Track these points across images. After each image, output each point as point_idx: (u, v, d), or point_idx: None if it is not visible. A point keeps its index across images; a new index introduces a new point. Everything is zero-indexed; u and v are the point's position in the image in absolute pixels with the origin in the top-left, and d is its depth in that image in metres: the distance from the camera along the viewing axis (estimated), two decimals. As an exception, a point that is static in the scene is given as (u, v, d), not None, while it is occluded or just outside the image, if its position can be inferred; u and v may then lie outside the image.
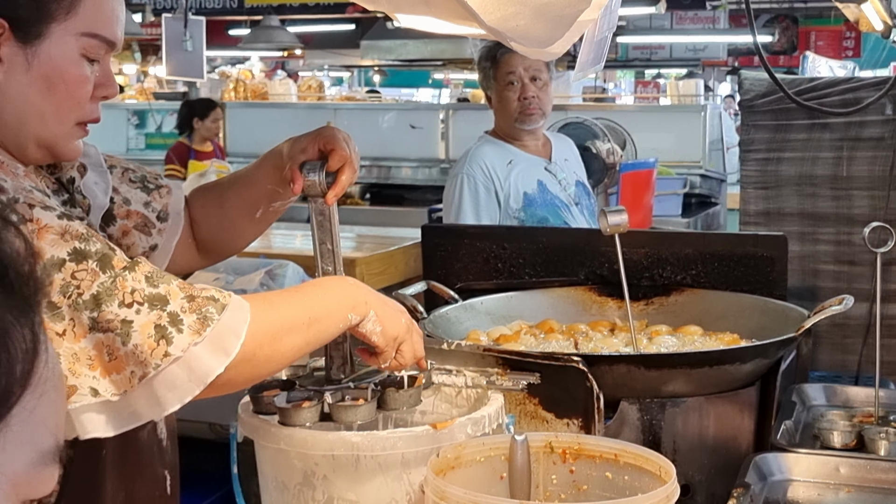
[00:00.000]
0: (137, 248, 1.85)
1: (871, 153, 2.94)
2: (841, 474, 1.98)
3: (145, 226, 1.87)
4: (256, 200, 1.98)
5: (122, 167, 1.89)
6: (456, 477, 1.67)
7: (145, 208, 1.88)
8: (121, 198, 1.85)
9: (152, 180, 1.92)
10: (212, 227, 2.02)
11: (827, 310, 2.16)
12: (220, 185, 2.09)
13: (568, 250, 2.65)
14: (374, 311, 1.69)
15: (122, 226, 1.84)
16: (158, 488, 1.77)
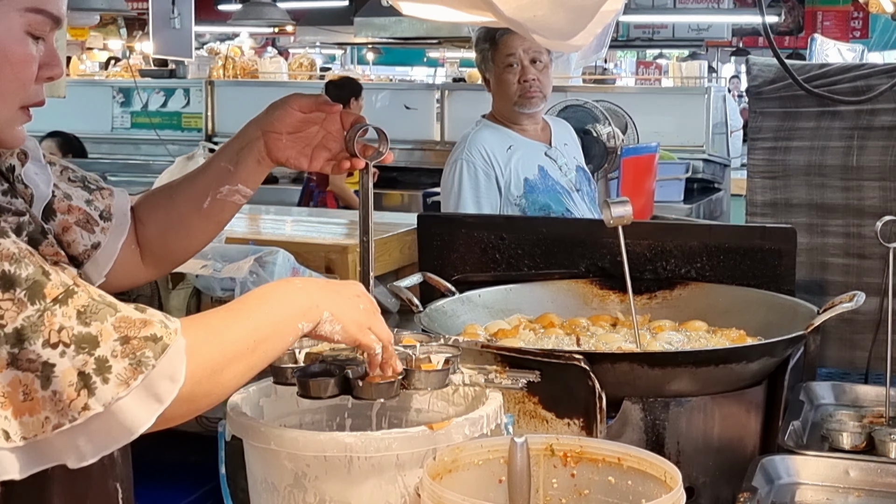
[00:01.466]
0: (79, 246, 1.75)
1: (883, 143, 2.86)
2: (850, 478, 1.93)
3: (87, 222, 1.76)
4: (206, 185, 1.87)
5: (60, 165, 1.79)
6: (453, 480, 1.61)
7: (87, 206, 1.77)
8: (62, 192, 1.75)
9: (93, 182, 1.82)
10: (158, 223, 1.88)
11: (837, 307, 2.10)
12: (171, 183, 1.96)
13: (568, 241, 2.59)
14: (329, 310, 1.58)
15: (62, 221, 1.73)
16: (110, 503, 1.69)
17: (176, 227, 1.89)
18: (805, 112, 2.92)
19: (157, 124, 9.09)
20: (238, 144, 1.86)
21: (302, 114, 1.82)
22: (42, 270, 1.36)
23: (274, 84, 10.46)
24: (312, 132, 1.84)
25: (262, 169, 1.87)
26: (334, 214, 5.55)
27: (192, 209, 1.87)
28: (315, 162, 1.84)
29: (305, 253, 3.68)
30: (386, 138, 1.80)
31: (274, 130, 1.83)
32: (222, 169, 1.85)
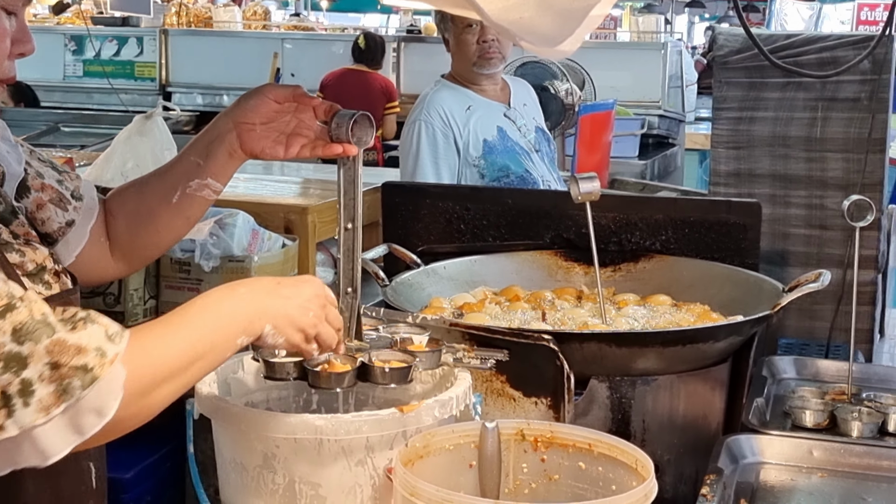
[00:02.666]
0: (53, 223, 1.72)
1: (847, 115, 2.87)
2: (814, 458, 1.95)
3: (61, 201, 1.73)
4: (176, 180, 1.81)
5: (28, 148, 1.75)
6: (424, 466, 1.60)
7: (59, 185, 1.74)
8: (34, 170, 1.72)
9: (60, 167, 1.79)
10: (128, 217, 1.84)
11: (804, 286, 2.11)
12: (142, 177, 1.92)
13: (534, 212, 2.57)
14: (272, 323, 1.54)
15: (36, 198, 1.70)
16: (84, 482, 1.66)
17: (145, 221, 1.84)
18: (770, 83, 2.93)
19: (111, 73, 8.94)
20: (208, 138, 1.80)
21: (277, 104, 1.78)
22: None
23: (229, 34, 10.33)
24: (285, 121, 1.79)
25: (233, 162, 1.82)
26: (291, 170, 5.49)
27: (161, 204, 1.82)
28: (291, 149, 1.78)
29: (265, 214, 3.64)
30: (372, 124, 1.76)
31: (247, 121, 1.77)
32: (192, 163, 1.80)
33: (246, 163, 1.89)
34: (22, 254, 1.54)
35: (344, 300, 1.77)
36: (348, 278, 1.77)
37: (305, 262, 3.71)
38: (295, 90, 1.79)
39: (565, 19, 1.17)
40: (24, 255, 1.54)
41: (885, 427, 2.03)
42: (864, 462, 1.92)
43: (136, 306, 3.42)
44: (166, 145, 3.63)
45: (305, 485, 1.67)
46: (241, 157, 1.80)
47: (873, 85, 2.83)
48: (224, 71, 9.33)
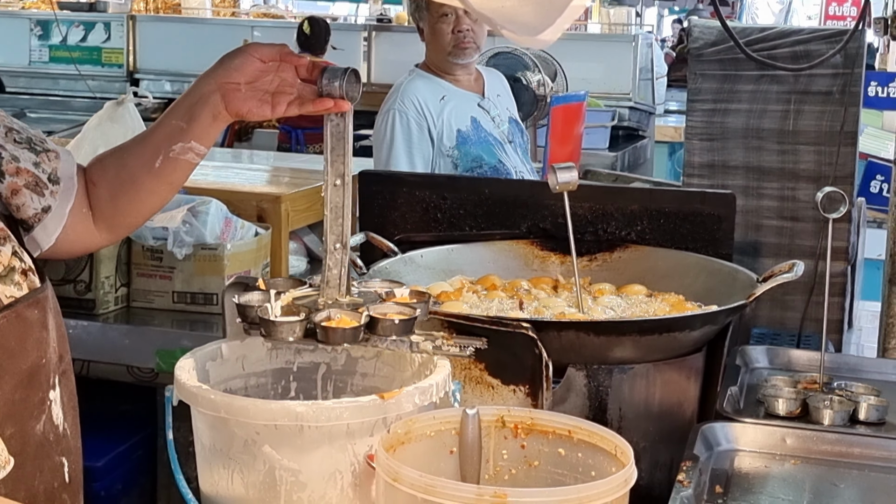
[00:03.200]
0: (29, 210, 1.70)
1: (819, 108, 2.90)
2: (787, 445, 1.97)
3: (37, 185, 1.70)
4: (158, 145, 1.78)
5: (4, 126, 1.73)
6: (406, 452, 1.61)
7: (35, 168, 1.71)
8: (9, 154, 1.70)
9: (38, 143, 1.76)
10: (109, 185, 1.82)
11: (777, 276, 2.13)
12: (124, 144, 1.88)
13: (511, 202, 2.58)
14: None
15: (11, 183, 1.68)
16: (57, 478, 1.66)
17: (127, 188, 1.82)
18: (744, 75, 2.95)
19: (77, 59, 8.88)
20: (191, 100, 1.76)
21: (262, 63, 1.73)
22: None
23: (197, 21, 10.28)
24: (268, 80, 1.74)
25: (217, 125, 1.77)
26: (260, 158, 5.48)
27: (143, 170, 1.80)
28: (278, 108, 1.73)
29: (237, 202, 3.65)
30: (359, 79, 1.73)
31: (231, 81, 1.72)
32: (174, 126, 1.76)
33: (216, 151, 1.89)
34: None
35: (332, 256, 1.76)
36: (336, 234, 1.76)
37: (278, 250, 3.72)
38: (281, 49, 1.75)
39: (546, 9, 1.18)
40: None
41: (856, 415, 2.06)
42: (836, 449, 1.94)
43: (107, 294, 3.42)
44: (138, 131, 3.62)
45: (285, 471, 1.68)
46: (225, 118, 1.76)
47: (845, 79, 2.87)
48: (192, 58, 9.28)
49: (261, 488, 1.69)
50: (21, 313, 1.55)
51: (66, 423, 1.67)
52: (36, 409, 1.58)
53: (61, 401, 1.65)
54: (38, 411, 1.58)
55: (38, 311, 1.58)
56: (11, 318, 1.53)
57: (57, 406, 1.64)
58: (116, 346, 3.33)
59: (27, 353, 1.55)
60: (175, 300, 3.45)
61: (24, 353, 1.54)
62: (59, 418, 1.65)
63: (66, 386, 1.67)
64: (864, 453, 1.94)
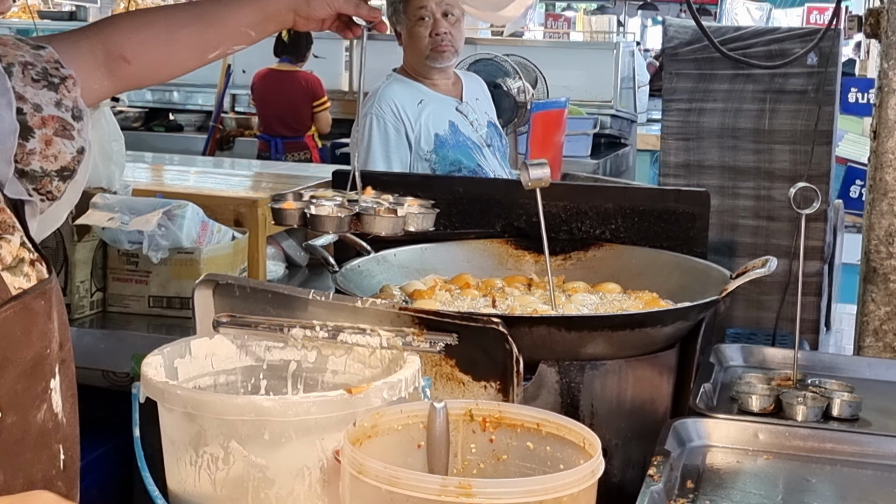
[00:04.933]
0: (66, 156, 1.69)
1: (794, 107, 2.91)
2: (760, 441, 1.96)
3: (65, 129, 1.69)
4: (218, 42, 1.91)
5: (19, 64, 1.70)
6: (373, 446, 1.60)
7: (58, 108, 1.70)
8: (30, 105, 1.67)
9: (53, 72, 1.73)
10: (150, 65, 1.90)
11: (750, 272, 2.13)
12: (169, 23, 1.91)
13: (484, 201, 2.58)
14: None
15: (42, 136, 1.67)
16: (54, 466, 1.65)
17: (166, 66, 1.92)
18: (720, 74, 2.96)
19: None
20: (264, 14, 1.89)
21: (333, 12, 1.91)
22: None
23: (179, 28, 10.24)
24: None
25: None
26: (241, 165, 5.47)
27: (195, 57, 1.91)
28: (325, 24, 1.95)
29: (214, 206, 3.63)
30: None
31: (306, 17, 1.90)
32: (242, 33, 1.90)
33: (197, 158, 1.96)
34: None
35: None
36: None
37: (255, 255, 3.70)
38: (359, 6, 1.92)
39: (510, -14, 1.18)
40: (1, 248, 1.52)
41: (829, 411, 2.05)
42: (809, 445, 1.94)
43: (82, 298, 3.40)
44: (114, 136, 3.61)
45: (253, 467, 1.66)
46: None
47: (820, 78, 2.87)
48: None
49: (228, 485, 1.68)
50: (28, 304, 1.53)
51: (65, 411, 1.66)
52: (38, 398, 1.57)
53: (61, 388, 1.64)
54: (40, 400, 1.57)
55: (45, 303, 1.57)
56: (18, 310, 1.51)
57: (57, 394, 1.63)
58: (92, 351, 3.31)
59: (32, 344, 1.54)
60: (151, 304, 3.43)
61: (28, 343, 1.53)
62: (58, 406, 1.64)
63: (66, 374, 1.66)
64: (836, 449, 1.93)
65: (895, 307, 2.74)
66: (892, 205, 2.71)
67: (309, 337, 1.85)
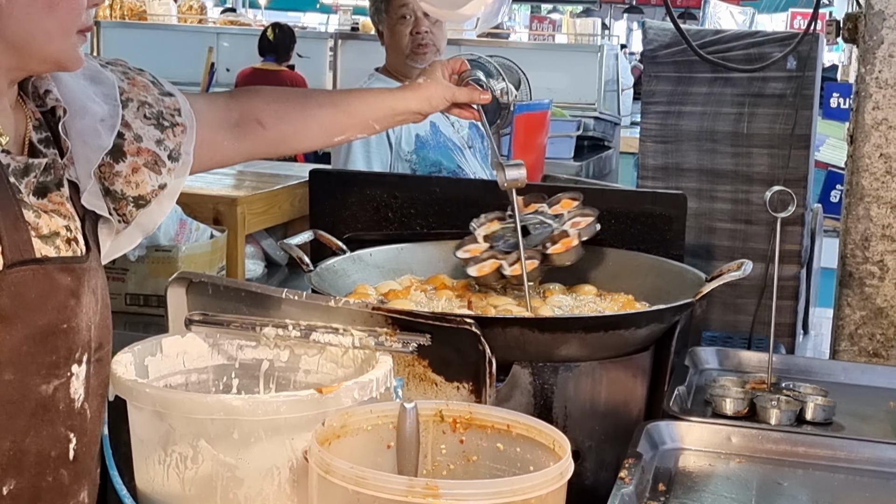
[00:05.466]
0: (147, 186, 1.78)
1: (773, 110, 2.91)
2: (732, 444, 1.96)
3: (156, 164, 1.80)
4: (345, 128, 2.10)
5: (138, 101, 1.82)
6: (342, 446, 1.59)
7: (157, 146, 1.81)
8: (132, 134, 1.79)
9: (168, 117, 1.85)
10: (281, 132, 2.05)
11: (725, 275, 2.12)
12: (306, 100, 2.11)
13: (461, 201, 2.57)
14: None
15: (132, 163, 1.77)
16: (57, 449, 1.64)
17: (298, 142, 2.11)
18: (698, 77, 2.96)
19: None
20: (390, 112, 2.12)
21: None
22: None
23: (163, 28, 10.23)
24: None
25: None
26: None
27: (323, 137, 2.12)
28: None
29: (194, 204, 3.61)
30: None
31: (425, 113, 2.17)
32: (369, 125, 2.12)
33: None
34: (38, 215, 1.59)
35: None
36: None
37: (234, 253, 3.68)
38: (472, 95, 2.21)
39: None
40: (40, 219, 1.59)
41: (802, 415, 2.05)
42: (781, 448, 1.94)
43: (59, 295, 3.37)
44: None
45: (222, 466, 1.65)
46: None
47: (798, 82, 2.87)
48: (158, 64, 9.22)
49: (197, 484, 1.67)
50: (50, 272, 1.58)
51: (88, 405, 1.68)
52: (45, 369, 1.59)
53: (86, 381, 1.67)
54: (49, 373, 1.59)
55: (71, 279, 1.61)
56: (39, 273, 1.57)
57: (79, 382, 1.65)
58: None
59: (45, 312, 1.58)
60: (128, 302, 3.41)
61: (42, 310, 1.57)
62: (77, 394, 1.66)
63: (99, 373, 1.70)
64: (808, 452, 1.93)
65: (870, 311, 2.75)
66: (868, 209, 2.72)
67: (281, 336, 1.85)
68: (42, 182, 1.62)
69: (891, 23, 2.62)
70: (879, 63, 2.64)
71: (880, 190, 2.71)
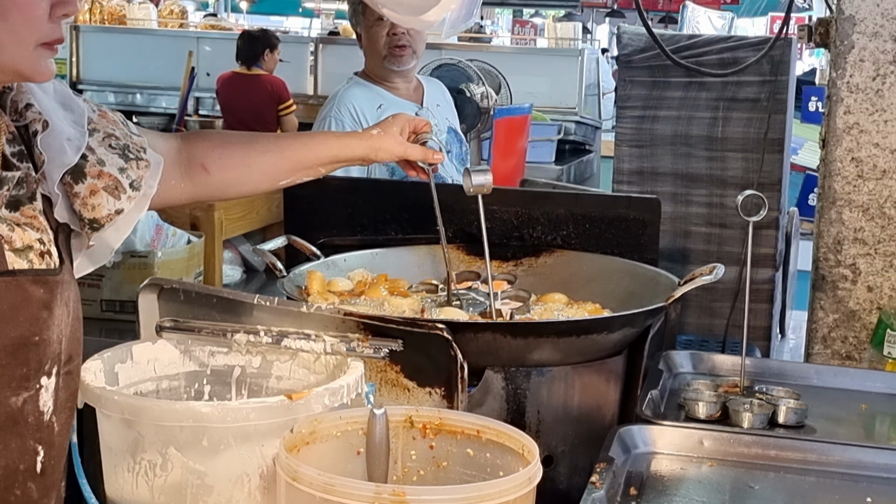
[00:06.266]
0: (103, 210, 1.77)
1: (747, 115, 2.92)
2: (704, 447, 1.96)
3: (116, 189, 1.79)
4: (290, 172, 2.11)
5: (105, 132, 1.82)
6: (311, 453, 1.59)
7: (120, 173, 1.80)
8: (96, 157, 1.78)
9: (134, 151, 1.85)
10: (225, 178, 2.05)
11: (697, 279, 2.13)
12: (250, 150, 2.09)
13: (436, 206, 2.56)
14: None
15: (91, 185, 1.76)
16: (25, 462, 1.64)
17: (243, 186, 2.11)
18: (673, 82, 2.96)
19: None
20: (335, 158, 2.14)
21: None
22: None
23: (143, 32, 10.20)
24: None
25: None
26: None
27: (267, 182, 2.11)
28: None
29: (170, 209, 3.59)
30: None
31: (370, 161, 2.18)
32: (314, 170, 2.12)
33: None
34: (11, 228, 1.59)
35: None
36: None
37: (212, 259, 3.67)
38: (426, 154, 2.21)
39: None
40: (13, 232, 1.59)
41: (775, 418, 2.05)
42: (752, 451, 1.94)
43: (35, 302, 3.36)
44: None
45: (191, 474, 1.65)
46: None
47: (772, 86, 2.88)
48: (137, 69, 9.24)
49: (167, 492, 1.66)
50: (22, 284, 1.58)
51: (56, 417, 1.67)
52: (15, 381, 1.59)
53: (55, 393, 1.66)
54: (18, 385, 1.59)
55: (44, 291, 1.61)
56: (11, 285, 1.57)
57: (48, 394, 1.65)
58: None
59: (17, 324, 1.57)
60: (104, 308, 3.40)
61: (14, 322, 1.57)
62: (46, 406, 1.65)
63: (69, 385, 1.69)
64: (779, 455, 1.94)
65: (843, 314, 2.76)
66: (840, 213, 2.73)
67: (253, 342, 1.84)
68: (14, 195, 1.63)
69: (861, 28, 2.64)
70: (850, 67, 2.65)
71: (852, 194, 2.72)
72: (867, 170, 2.70)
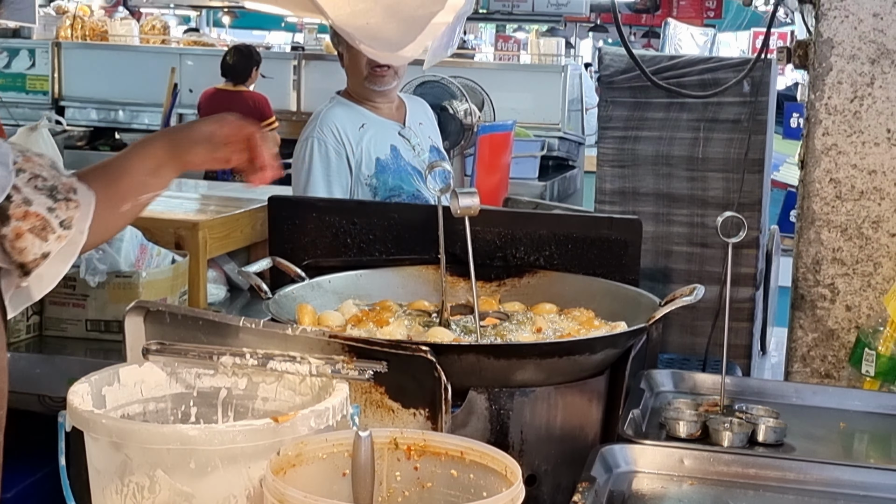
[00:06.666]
0: (29, 254, 1.74)
1: (728, 135, 2.95)
2: (685, 466, 1.98)
3: (43, 230, 1.75)
4: (125, 193, 1.96)
5: (31, 173, 1.77)
6: (297, 475, 1.60)
7: (48, 213, 1.76)
8: (21, 197, 1.74)
9: (62, 191, 1.81)
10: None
11: (678, 300, 2.16)
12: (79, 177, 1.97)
13: (420, 227, 2.59)
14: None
15: (15, 227, 1.72)
16: None
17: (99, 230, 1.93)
18: (654, 103, 2.99)
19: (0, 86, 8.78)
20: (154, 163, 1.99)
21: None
22: None
23: (125, 48, 10.21)
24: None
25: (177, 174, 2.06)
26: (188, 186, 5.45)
27: (108, 211, 1.93)
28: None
29: (154, 229, 3.61)
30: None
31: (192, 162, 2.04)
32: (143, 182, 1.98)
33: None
34: None
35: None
36: None
37: (196, 278, 3.68)
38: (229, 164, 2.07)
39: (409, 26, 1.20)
40: None
41: (755, 437, 2.08)
42: (733, 470, 1.96)
43: (18, 322, 3.37)
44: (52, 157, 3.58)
45: (179, 496, 1.66)
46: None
47: (753, 107, 2.92)
48: (120, 85, 9.24)
49: (154, 514, 1.68)
50: None
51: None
52: None
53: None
54: None
55: None
56: None
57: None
58: (28, 376, 3.28)
59: None
60: (88, 328, 3.41)
61: None
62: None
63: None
64: (759, 474, 1.96)
65: (822, 333, 2.79)
66: (818, 233, 2.76)
67: (239, 364, 1.86)
68: None
69: (839, 50, 2.67)
70: (828, 90, 2.69)
71: (830, 214, 2.76)
72: (845, 191, 2.74)
